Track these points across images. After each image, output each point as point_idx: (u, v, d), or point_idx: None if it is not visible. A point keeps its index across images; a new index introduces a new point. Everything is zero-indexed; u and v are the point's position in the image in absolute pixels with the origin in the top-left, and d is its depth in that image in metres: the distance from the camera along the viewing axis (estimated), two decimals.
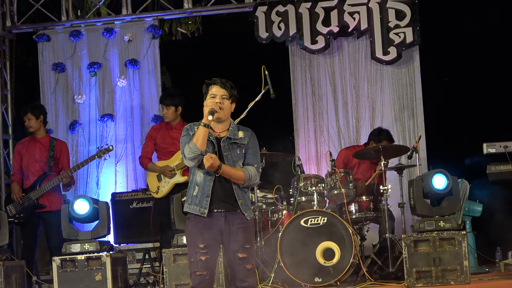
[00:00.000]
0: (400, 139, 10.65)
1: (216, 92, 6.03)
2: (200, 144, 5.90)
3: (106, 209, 8.66)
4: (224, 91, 6.04)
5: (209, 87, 6.08)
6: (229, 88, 6.07)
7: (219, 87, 6.05)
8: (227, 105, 6.05)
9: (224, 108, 6.02)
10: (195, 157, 5.93)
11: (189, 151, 5.93)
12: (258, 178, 6.11)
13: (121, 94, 11.29)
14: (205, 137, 5.91)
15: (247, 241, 6.03)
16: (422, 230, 7.86)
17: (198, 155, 5.92)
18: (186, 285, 7.98)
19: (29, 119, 9.42)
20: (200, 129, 5.91)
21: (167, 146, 9.54)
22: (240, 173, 6.02)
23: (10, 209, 9.26)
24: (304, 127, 10.99)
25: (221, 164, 5.95)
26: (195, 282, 6.00)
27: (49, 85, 11.42)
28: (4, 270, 8.28)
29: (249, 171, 6.03)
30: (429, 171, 8.38)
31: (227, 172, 5.98)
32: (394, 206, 9.11)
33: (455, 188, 8.05)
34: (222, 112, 6.01)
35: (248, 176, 6.02)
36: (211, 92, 6.05)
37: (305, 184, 8.70)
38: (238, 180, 6.01)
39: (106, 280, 8.20)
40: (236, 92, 6.13)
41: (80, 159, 10.87)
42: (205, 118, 5.93)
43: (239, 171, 6.02)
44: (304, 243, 8.30)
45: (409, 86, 10.79)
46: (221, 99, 6.02)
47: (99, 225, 8.63)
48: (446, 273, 7.69)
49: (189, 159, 5.95)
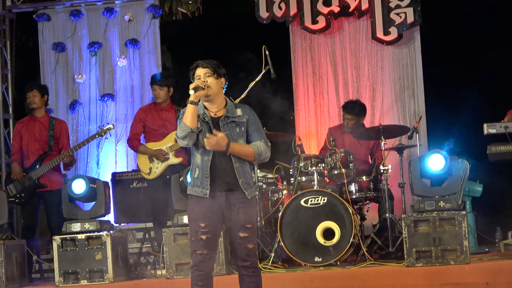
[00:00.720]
0: (401, 119, 10.65)
1: (200, 73, 6.05)
2: (190, 121, 5.90)
3: (103, 189, 8.63)
4: (207, 69, 6.05)
5: (193, 71, 6.11)
6: (212, 66, 6.06)
7: (201, 68, 6.07)
8: (213, 81, 6.04)
9: (210, 85, 6.01)
10: (186, 135, 5.93)
11: (180, 131, 5.95)
12: (268, 152, 6.11)
13: (121, 73, 11.27)
14: (194, 115, 5.90)
15: (249, 220, 6.04)
16: (422, 210, 7.84)
17: (189, 132, 5.92)
18: (187, 264, 7.97)
19: (34, 95, 9.41)
20: (187, 107, 5.91)
21: (157, 128, 9.47)
22: (249, 149, 6.03)
23: (11, 188, 9.24)
24: (304, 107, 10.97)
25: (229, 142, 5.94)
26: (195, 261, 6.01)
27: (49, 64, 11.40)
28: (5, 249, 8.29)
29: (258, 146, 6.05)
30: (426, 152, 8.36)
31: (236, 150, 5.98)
32: (394, 186, 9.11)
33: (455, 168, 8.03)
34: (210, 89, 6.01)
35: (258, 151, 6.03)
36: (196, 75, 6.07)
37: (306, 164, 8.68)
38: (249, 156, 6.03)
39: (107, 259, 8.21)
40: (222, 68, 6.12)
41: (80, 138, 10.87)
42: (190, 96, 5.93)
43: (248, 147, 6.03)
44: (304, 223, 8.30)
45: (410, 66, 10.77)
46: (205, 77, 6.02)
47: (96, 205, 8.62)
48: (446, 253, 7.69)
49: (181, 138, 5.96)
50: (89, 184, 8.58)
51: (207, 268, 6.05)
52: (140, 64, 11.28)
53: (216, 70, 6.06)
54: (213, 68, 6.05)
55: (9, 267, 8.34)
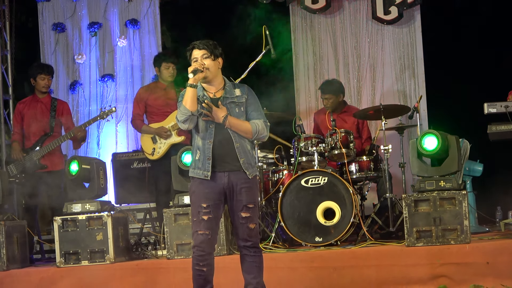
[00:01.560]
0: (401, 99, 10.63)
1: (197, 55, 6.05)
2: (189, 104, 5.91)
3: (96, 170, 8.58)
4: (204, 51, 6.05)
5: (190, 53, 6.10)
6: (209, 47, 6.05)
7: (198, 49, 6.07)
8: (210, 63, 6.04)
9: (208, 66, 6.00)
10: (187, 119, 5.94)
11: (180, 114, 5.96)
12: (267, 131, 6.12)
13: (122, 54, 11.24)
14: (194, 97, 5.91)
15: (250, 200, 6.05)
16: (423, 190, 7.82)
17: (189, 116, 5.93)
18: (187, 244, 7.99)
19: (49, 80, 9.39)
20: (187, 90, 5.91)
21: (160, 107, 9.41)
22: (247, 125, 6.04)
23: (11, 169, 9.23)
24: (305, 87, 10.95)
25: (227, 115, 5.94)
26: (197, 241, 6.02)
27: (49, 45, 11.37)
28: (6, 230, 8.29)
29: (256, 124, 6.07)
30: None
31: (234, 124, 5.99)
32: (395, 166, 9.10)
33: (452, 148, 7.98)
34: (208, 71, 6.01)
35: (255, 129, 6.05)
36: (193, 56, 6.08)
37: (306, 144, 8.67)
38: (246, 133, 6.04)
39: (107, 240, 8.21)
40: (218, 48, 6.10)
41: (81, 119, 10.86)
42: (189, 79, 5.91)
43: (246, 123, 6.04)
44: (304, 203, 8.30)
45: (410, 46, 10.75)
46: (202, 59, 6.01)
47: (90, 186, 8.61)
48: (447, 232, 7.68)
49: (181, 121, 5.97)
50: (81, 165, 8.56)
51: (208, 248, 6.06)
52: (140, 45, 11.25)
53: (213, 51, 6.05)
54: (210, 49, 6.04)
55: (10, 248, 8.34)
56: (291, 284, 7.63)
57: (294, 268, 7.71)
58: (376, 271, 7.56)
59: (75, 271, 8.13)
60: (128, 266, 8.16)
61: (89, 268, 8.15)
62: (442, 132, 7.97)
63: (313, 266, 7.69)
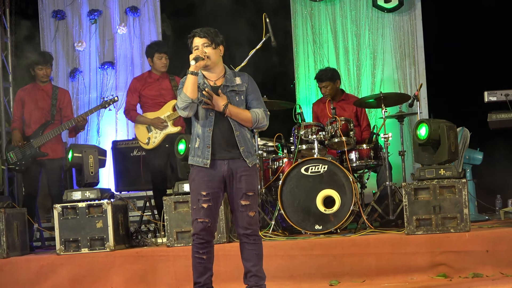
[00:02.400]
0: (401, 87, 10.62)
1: (198, 43, 6.05)
2: (190, 92, 5.91)
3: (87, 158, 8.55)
4: (205, 39, 6.04)
5: (191, 40, 6.11)
6: (210, 35, 6.04)
7: (199, 37, 6.06)
8: (211, 51, 6.04)
9: (209, 55, 6.00)
10: (187, 106, 5.94)
11: (180, 101, 5.96)
12: (267, 120, 6.13)
13: (122, 41, 11.23)
14: (194, 85, 5.91)
15: (250, 188, 6.06)
16: (423, 178, 7.82)
17: (190, 103, 5.94)
18: (187, 232, 7.99)
19: (47, 68, 9.37)
20: (188, 77, 5.91)
21: (154, 97, 9.37)
22: (247, 114, 6.03)
23: (11, 156, 9.22)
24: (305, 75, 10.94)
25: (227, 103, 5.93)
26: (196, 229, 6.03)
27: (49, 32, 11.35)
28: (6, 218, 8.29)
29: (256, 113, 6.06)
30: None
31: (234, 112, 5.99)
32: (395, 154, 9.09)
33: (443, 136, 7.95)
34: (208, 60, 6.00)
35: (255, 118, 6.04)
36: (194, 44, 6.07)
37: (306, 132, 8.66)
38: (246, 121, 6.04)
39: (107, 227, 8.21)
40: (219, 36, 6.10)
41: (81, 107, 10.86)
42: (191, 67, 5.91)
43: (246, 112, 6.03)
44: (304, 191, 8.29)
45: (411, 34, 10.74)
46: (203, 47, 6.01)
47: (82, 174, 8.60)
48: (446, 221, 7.68)
49: (181, 108, 5.97)
50: (74, 153, 8.56)
51: (208, 236, 6.07)
52: (140, 32, 11.23)
53: (213, 39, 6.04)
54: (211, 38, 6.04)
55: (10, 235, 8.34)
56: (290, 272, 7.64)
57: (293, 256, 7.72)
58: (376, 259, 7.57)
59: (75, 258, 8.13)
60: (128, 253, 8.16)
61: (89, 255, 8.14)
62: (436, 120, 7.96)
63: (313, 254, 7.70)
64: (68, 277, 8.03)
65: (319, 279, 7.55)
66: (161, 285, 7.86)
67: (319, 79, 9.68)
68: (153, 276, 7.92)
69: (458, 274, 7.37)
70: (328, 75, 9.63)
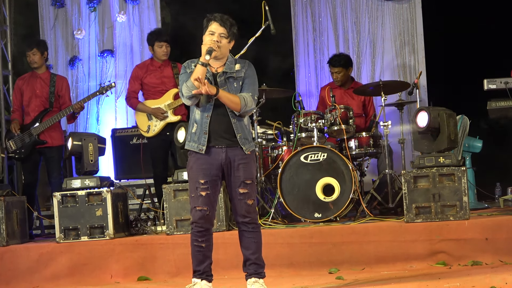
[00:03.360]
0: (401, 75, 10.60)
1: (215, 30, 5.99)
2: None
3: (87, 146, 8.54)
4: (223, 30, 5.99)
5: (209, 23, 6.03)
6: (229, 26, 6.01)
7: (219, 25, 6.00)
8: (225, 43, 6.01)
9: (221, 46, 5.97)
10: (193, 96, 5.90)
11: (186, 90, 5.92)
12: (254, 104, 6.08)
13: (121, 29, 11.20)
14: (203, 76, 5.86)
15: (248, 176, 6.04)
16: (422, 166, 7.80)
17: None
18: (187, 220, 7.98)
19: (34, 54, 9.33)
20: (198, 67, 5.87)
21: (156, 85, 9.35)
22: (236, 99, 5.98)
23: (10, 144, 9.20)
24: (304, 63, 10.92)
25: (218, 90, 5.91)
26: (195, 217, 6.01)
27: (49, 20, 11.32)
28: (5, 206, 8.28)
29: (244, 97, 6.00)
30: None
31: (225, 96, 5.94)
32: (393, 142, 9.08)
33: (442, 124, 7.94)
34: (219, 50, 5.96)
35: (243, 103, 5.99)
36: (210, 28, 6.01)
37: (305, 120, 8.64)
38: (235, 105, 5.97)
39: (107, 215, 8.20)
40: (236, 30, 6.08)
41: (80, 95, 10.84)
42: (202, 57, 5.88)
43: (235, 97, 5.98)
44: (304, 179, 8.28)
45: (410, 22, 10.70)
46: (219, 38, 5.97)
47: (82, 162, 8.59)
48: (446, 208, 7.67)
49: (187, 97, 5.96)
50: (73, 141, 8.54)
51: (207, 224, 6.05)
52: (139, 20, 11.20)
53: (231, 32, 6.01)
54: (229, 30, 6.00)
55: (9, 224, 8.33)
56: (290, 259, 7.64)
57: (293, 244, 7.72)
58: (375, 247, 7.57)
59: (74, 246, 8.12)
60: (128, 241, 8.16)
61: (89, 243, 8.14)
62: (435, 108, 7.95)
63: (312, 242, 7.69)
64: (68, 265, 8.03)
65: (319, 267, 7.54)
66: (160, 273, 7.86)
67: (332, 64, 9.66)
68: (153, 264, 7.92)
69: (457, 262, 7.37)
70: (341, 61, 9.64)
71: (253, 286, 6.09)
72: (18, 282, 8.01)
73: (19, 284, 7.99)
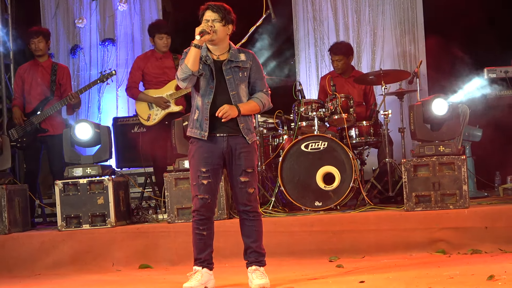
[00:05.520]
0: (401, 64, 10.60)
1: (209, 17, 6.04)
2: (191, 64, 5.91)
3: (107, 134, 8.62)
4: (216, 15, 6.03)
5: (203, 12, 6.08)
6: (222, 11, 6.05)
7: (211, 12, 6.06)
8: (220, 27, 6.03)
9: (216, 31, 5.99)
10: (187, 77, 5.96)
11: (181, 72, 5.97)
12: (270, 102, 6.19)
13: (122, 18, 11.18)
14: (197, 58, 5.91)
15: (249, 165, 6.05)
16: (422, 155, 7.81)
17: (190, 75, 5.94)
18: (188, 208, 7.99)
19: (39, 42, 9.33)
20: (191, 49, 5.93)
21: (157, 75, 9.37)
22: (255, 105, 6.09)
23: (13, 133, 9.21)
24: (305, 52, 10.91)
25: (238, 107, 5.98)
26: (197, 205, 6.02)
27: (50, 9, 11.30)
28: (7, 194, 8.29)
29: (261, 99, 6.11)
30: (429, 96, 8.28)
31: (245, 109, 6.03)
32: (394, 131, 9.08)
33: (455, 113, 7.98)
34: (215, 34, 6.00)
35: (262, 105, 6.12)
36: (205, 17, 6.06)
37: (306, 109, 8.63)
38: (256, 112, 6.15)
39: (108, 203, 8.21)
40: (231, 15, 6.11)
41: (81, 83, 10.83)
42: (195, 39, 5.90)
43: (254, 104, 6.09)
44: (304, 167, 8.28)
45: (411, 10, 10.70)
46: (213, 23, 6.01)
47: (101, 150, 8.60)
48: (445, 197, 7.68)
49: (181, 79, 5.99)
50: (94, 129, 8.55)
51: (208, 212, 6.06)
52: (140, 9, 11.19)
53: (225, 17, 6.05)
54: (222, 14, 6.04)
55: (11, 212, 8.35)
56: (290, 247, 7.66)
57: (293, 232, 7.73)
58: (375, 235, 7.59)
59: (76, 234, 8.14)
60: (129, 229, 8.17)
61: (90, 231, 8.15)
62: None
63: (313, 230, 7.71)
64: (70, 253, 8.05)
65: (319, 255, 7.56)
66: (162, 261, 7.88)
67: (333, 52, 9.66)
68: (154, 252, 7.93)
69: (457, 250, 7.38)
70: (342, 49, 9.64)
71: (254, 274, 6.10)
72: (20, 270, 8.03)
73: (21, 272, 8.01)
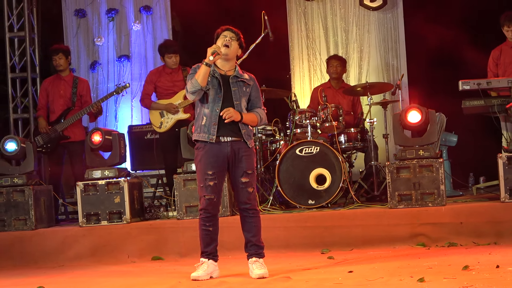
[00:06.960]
0: (385, 77, 10.61)
1: (227, 34, 6.08)
2: (201, 80, 5.93)
3: (118, 140, 8.60)
4: (234, 35, 6.10)
5: (221, 33, 6.11)
6: (238, 34, 6.14)
7: (230, 32, 6.10)
8: (235, 45, 6.08)
9: (231, 47, 6.03)
10: (195, 91, 5.97)
11: (190, 86, 5.97)
12: (266, 118, 6.25)
13: (136, 37, 11.19)
14: (206, 75, 5.92)
15: (250, 167, 6.07)
16: (404, 158, 7.81)
17: (198, 89, 5.95)
18: (195, 206, 7.99)
19: (59, 58, 9.33)
20: (202, 67, 5.92)
21: (168, 88, 9.37)
22: (254, 117, 6.13)
23: (38, 140, 9.21)
24: (299, 67, 10.92)
25: (241, 112, 6.01)
26: (203, 205, 6.03)
27: (72, 29, 11.31)
28: (34, 194, 8.30)
29: (259, 114, 6.17)
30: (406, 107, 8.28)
31: (246, 118, 6.06)
32: (379, 137, 9.09)
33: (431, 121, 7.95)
34: (229, 49, 6.03)
35: (259, 118, 6.16)
36: (223, 34, 6.10)
37: (300, 117, 8.64)
38: (254, 123, 6.15)
39: (124, 202, 8.21)
40: (243, 41, 6.18)
41: (100, 95, 10.84)
42: (207, 58, 5.92)
43: (253, 116, 6.13)
44: (299, 170, 8.28)
45: (393, 29, 10.72)
46: (231, 39, 6.05)
47: (112, 154, 8.61)
48: (425, 196, 7.68)
49: (190, 92, 6.01)
50: (104, 135, 8.55)
51: (213, 210, 6.07)
52: (152, 28, 11.20)
53: (239, 39, 6.12)
54: (238, 36, 6.11)
55: (38, 210, 8.36)
56: (287, 241, 7.66)
57: (289, 227, 7.73)
58: (362, 230, 7.58)
59: (95, 230, 8.15)
60: (143, 225, 8.17)
61: (108, 227, 8.16)
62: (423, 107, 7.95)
63: (307, 226, 7.71)
64: (89, 247, 8.06)
65: (312, 248, 7.55)
66: (172, 253, 7.87)
67: (334, 58, 9.79)
68: (165, 246, 7.93)
69: (435, 243, 7.38)
70: (341, 58, 9.81)
71: (254, 265, 6.09)
72: (45, 262, 8.04)
73: (46, 263, 8.01)
